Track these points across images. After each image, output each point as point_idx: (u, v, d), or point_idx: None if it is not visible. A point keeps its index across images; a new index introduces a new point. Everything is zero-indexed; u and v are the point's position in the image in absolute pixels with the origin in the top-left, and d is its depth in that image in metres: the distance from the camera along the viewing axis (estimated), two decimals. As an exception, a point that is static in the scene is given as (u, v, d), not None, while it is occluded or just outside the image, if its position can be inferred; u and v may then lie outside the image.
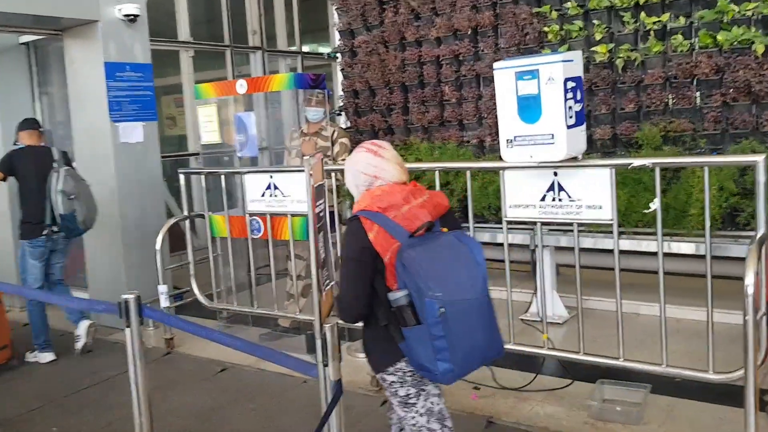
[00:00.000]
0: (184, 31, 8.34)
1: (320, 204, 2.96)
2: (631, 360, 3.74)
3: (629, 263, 4.75)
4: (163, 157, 7.01)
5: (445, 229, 2.43)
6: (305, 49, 9.85)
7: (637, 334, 4.72)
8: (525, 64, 3.56)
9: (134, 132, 5.99)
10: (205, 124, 5.37)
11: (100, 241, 6.05)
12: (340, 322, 2.49)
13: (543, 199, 3.85)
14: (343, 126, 6.48)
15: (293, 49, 9.70)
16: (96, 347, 5.50)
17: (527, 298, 5.56)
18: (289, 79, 4.79)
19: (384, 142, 2.59)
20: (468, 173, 4.28)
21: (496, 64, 3.69)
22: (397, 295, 2.25)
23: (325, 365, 2.24)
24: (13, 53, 6.86)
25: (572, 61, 3.57)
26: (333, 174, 4.77)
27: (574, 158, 3.64)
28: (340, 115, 6.50)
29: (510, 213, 4.00)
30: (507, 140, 3.69)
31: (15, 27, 6.04)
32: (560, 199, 3.79)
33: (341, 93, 6.44)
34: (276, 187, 4.96)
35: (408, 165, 2.62)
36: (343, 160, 5.16)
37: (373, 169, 2.48)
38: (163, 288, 5.35)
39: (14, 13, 5.34)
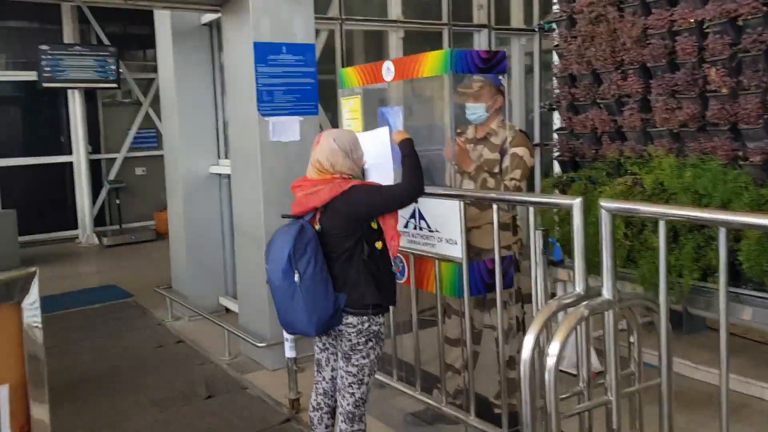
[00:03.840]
0: (394, 8, 7.16)
1: None
2: None
3: None
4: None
5: (317, 226, 2.84)
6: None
7: None
8: None
9: (289, 129, 4.82)
10: (349, 122, 3.96)
11: (245, 256, 5.07)
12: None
13: None
14: (556, 126, 4.62)
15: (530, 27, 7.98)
16: (217, 389, 4.49)
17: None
18: (444, 57, 3.14)
19: (323, 136, 2.90)
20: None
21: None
22: None
23: None
24: (195, 35, 6.21)
25: None
26: (503, 207, 3.05)
27: None
28: (554, 110, 4.63)
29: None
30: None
31: (172, 3, 5.28)
32: None
33: (554, 80, 4.57)
34: (422, 217, 3.40)
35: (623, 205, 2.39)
36: (513, 180, 3.35)
37: None
38: (288, 335, 4.11)
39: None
